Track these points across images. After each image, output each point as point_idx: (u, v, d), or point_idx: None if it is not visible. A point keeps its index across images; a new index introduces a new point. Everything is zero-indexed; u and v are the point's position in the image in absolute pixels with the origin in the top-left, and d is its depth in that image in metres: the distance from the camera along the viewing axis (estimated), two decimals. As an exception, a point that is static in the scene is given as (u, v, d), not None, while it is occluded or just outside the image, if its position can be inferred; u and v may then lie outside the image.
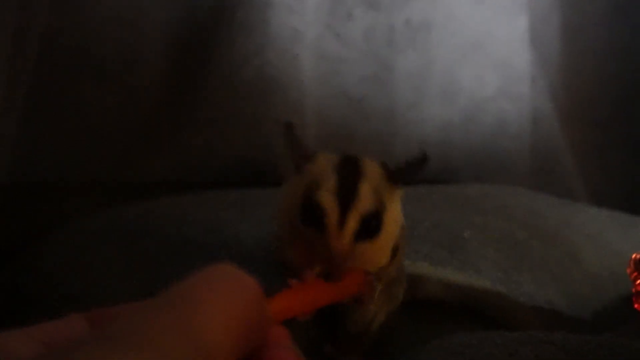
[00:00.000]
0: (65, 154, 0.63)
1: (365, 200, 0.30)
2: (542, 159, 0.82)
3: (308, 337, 0.36)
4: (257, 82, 0.67)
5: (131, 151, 0.65)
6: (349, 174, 0.30)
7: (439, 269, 0.44)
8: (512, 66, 0.80)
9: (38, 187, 0.60)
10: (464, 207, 0.58)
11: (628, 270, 0.42)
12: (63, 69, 0.61)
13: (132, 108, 0.65)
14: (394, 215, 0.32)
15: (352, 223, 0.29)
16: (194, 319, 0.18)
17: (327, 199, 0.29)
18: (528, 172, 0.81)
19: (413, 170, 0.32)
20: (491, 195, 0.64)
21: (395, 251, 0.33)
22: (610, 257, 0.56)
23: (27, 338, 0.20)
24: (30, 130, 0.58)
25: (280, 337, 0.22)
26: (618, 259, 0.55)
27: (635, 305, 0.42)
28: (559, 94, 0.85)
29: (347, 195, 0.29)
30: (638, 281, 0.41)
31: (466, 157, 0.79)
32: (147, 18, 0.64)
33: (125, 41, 0.63)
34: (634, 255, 0.42)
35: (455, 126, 0.78)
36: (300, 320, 0.29)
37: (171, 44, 0.66)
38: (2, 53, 0.46)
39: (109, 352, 0.17)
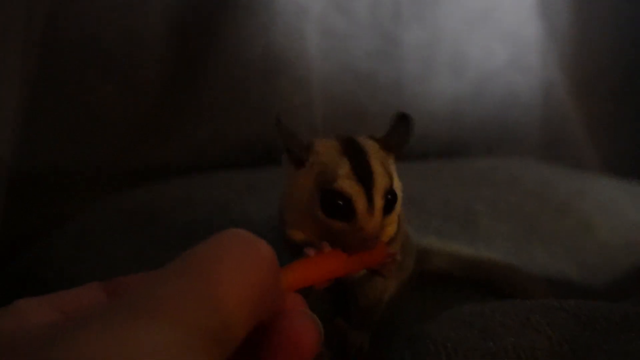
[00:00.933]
0: (70, 143, 0.63)
1: (382, 177, 0.29)
2: (553, 130, 0.81)
3: (318, 310, 0.36)
4: (262, 62, 0.67)
5: (138, 138, 0.65)
6: (357, 155, 0.30)
7: (449, 243, 0.43)
8: (522, 37, 0.79)
9: (45, 177, 0.60)
10: (474, 181, 0.58)
11: (642, 239, 0.42)
12: (66, 57, 0.61)
13: (137, 94, 0.64)
14: (397, 182, 0.32)
15: (380, 202, 0.29)
16: (212, 286, 0.18)
17: (349, 185, 0.29)
18: (539, 143, 0.81)
19: (402, 133, 0.31)
20: (501, 168, 0.64)
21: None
22: (623, 227, 0.56)
23: (46, 306, 0.21)
24: (35, 119, 0.58)
25: (297, 304, 0.22)
26: (631, 229, 0.55)
27: (649, 274, 0.42)
28: (569, 64, 0.84)
29: (365, 177, 0.29)
30: (651, 249, 0.41)
31: (476, 130, 0.78)
32: (149, 3, 0.64)
33: (127, 27, 0.63)
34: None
35: (464, 99, 0.77)
36: (317, 290, 0.29)
37: (174, 28, 0.65)
38: (10, 42, 0.46)
39: (126, 320, 0.17)
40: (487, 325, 0.29)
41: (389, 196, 0.30)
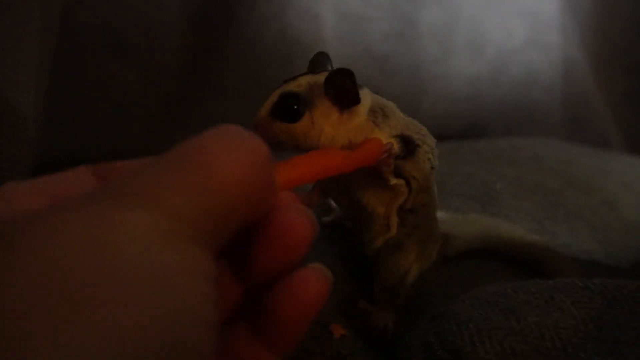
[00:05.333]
0: (91, 130, 0.63)
1: (293, 84, 0.32)
2: (574, 108, 0.80)
3: (342, 292, 0.37)
4: (279, 45, 0.66)
5: (156, 123, 0.65)
6: (308, 73, 0.33)
7: (472, 217, 0.43)
8: (541, 14, 0.78)
9: (67, 164, 0.61)
10: (495, 160, 0.57)
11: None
12: (84, 44, 0.61)
13: (154, 80, 0.65)
14: (341, 127, 0.32)
15: (273, 96, 0.32)
16: (203, 176, 0.18)
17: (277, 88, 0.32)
18: (561, 123, 0.80)
19: (341, 91, 0.32)
20: (522, 147, 0.63)
21: (411, 148, 0.33)
22: (649, 205, 0.55)
23: (35, 190, 0.20)
24: (55, 107, 0.58)
25: (290, 200, 0.22)
26: (656, 206, 0.54)
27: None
28: (590, 41, 0.82)
29: (288, 81, 0.32)
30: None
31: (496, 111, 0.77)
32: None
33: (145, 13, 0.63)
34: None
35: (483, 80, 0.76)
36: (314, 202, 0.32)
37: (191, 15, 0.65)
38: (27, 29, 0.46)
39: (108, 205, 0.16)
40: (511, 305, 0.29)
41: (290, 102, 0.31)
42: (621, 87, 0.85)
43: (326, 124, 0.32)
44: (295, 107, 0.31)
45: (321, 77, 0.32)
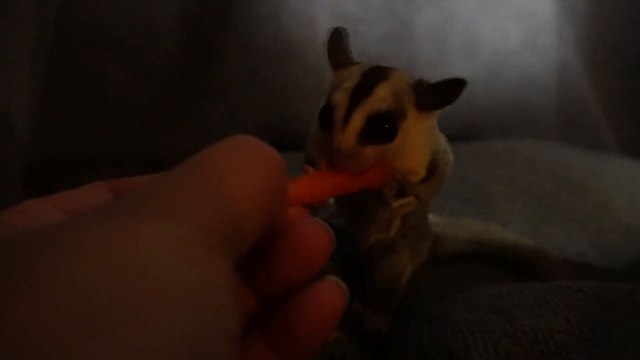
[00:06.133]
0: (86, 130, 0.63)
1: (376, 100, 0.29)
2: (570, 111, 0.80)
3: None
4: (274, 47, 0.66)
5: (151, 123, 0.65)
6: (372, 77, 0.30)
7: (464, 222, 0.43)
8: (536, 17, 0.78)
9: (61, 163, 0.61)
10: (490, 162, 0.58)
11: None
12: (79, 43, 0.61)
13: (150, 80, 0.64)
14: (422, 130, 0.30)
15: (357, 120, 0.28)
16: (218, 185, 0.17)
17: (339, 97, 0.29)
18: (556, 125, 0.80)
19: (443, 93, 0.30)
20: (517, 150, 0.63)
21: (432, 171, 0.32)
22: (642, 207, 0.55)
23: (50, 206, 0.20)
24: (50, 106, 0.58)
25: (303, 215, 0.22)
26: (650, 208, 0.54)
27: (669, 253, 0.41)
28: (585, 44, 0.83)
29: (360, 94, 0.29)
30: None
31: (492, 113, 0.77)
32: None
33: (140, 13, 0.63)
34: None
35: (479, 82, 0.76)
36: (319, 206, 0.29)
37: (187, 15, 0.65)
38: (22, 27, 0.46)
39: (127, 217, 0.16)
40: (504, 307, 0.29)
41: (382, 123, 0.29)
42: (615, 90, 0.86)
43: (414, 128, 0.30)
44: (390, 126, 0.29)
45: (399, 81, 0.30)
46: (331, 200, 0.41)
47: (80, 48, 0.61)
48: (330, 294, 0.20)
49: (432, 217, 0.38)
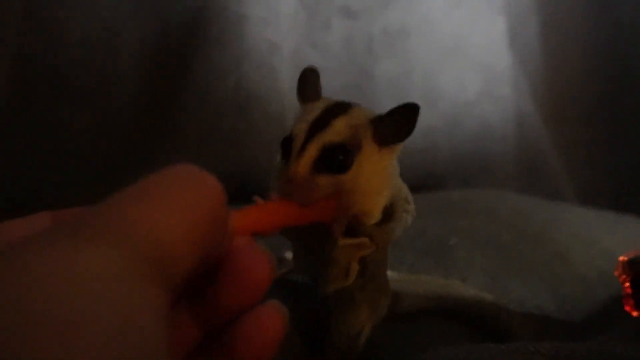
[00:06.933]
0: (40, 177, 0.62)
1: (332, 132, 0.29)
2: (527, 159, 0.82)
3: (294, 353, 0.36)
4: (235, 97, 0.66)
5: (109, 173, 0.64)
6: (332, 111, 0.30)
7: (424, 279, 0.43)
8: (493, 68, 0.80)
9: (14, 215, 0.59)
10: (449, 213, 0.58)
11: (616, 273, 0.41)
12: (36, 92, 0.60)
13: (108, 129, 0.64)
14: (379, 169, 0.31)
15: (312, 150, 0.29)
16: (153, 215, 0.18)
17: (299, 128, 0.30)
18: (514, 173, 0.81)
19: (400, 122, 0.30)
20: (476, 200, 0.64)
21: (388, 216, 0.32)
22: (600, 257, 0.56)
23: None
24: (4, 153, 0.57)
25: (248, 243, 0.22)
26: (607, 258, 0.55)
27: (626, 307, 0.42)
28: (541, 94, 0.85)
29: (318, 126, 0.29)
30: (627, 284, 0.40)
31: (451, 162, 0.78)
32: (120, 38, 0.63)
33: (98, 62, 0.63)
34: (621, 258, 0.41)
35: (438, 131, 0.77)
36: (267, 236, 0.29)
37: (145, 63, 0.65)
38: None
39: (67, 242, 0.16)
40: (463, 371, 0.28)
41: (336, 153, 0.29)
42: (572, 138, 0.88)
43: (370, 164, 0.30)
44: (344, 157, 0.29)
45: (357, 116, 0.30)
46: (289, 256, 0.41)
47: (36, 97, 0.60)
48: (270, 319, 0.21)
49: (390, 274, 0.37)
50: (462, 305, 0.42)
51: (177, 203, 0.18)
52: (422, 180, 0.75)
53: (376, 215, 0.32)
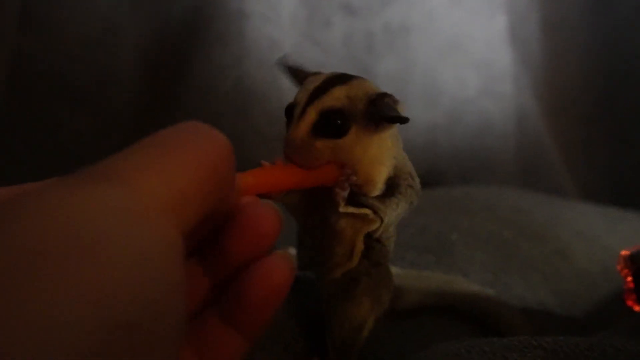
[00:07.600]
0: (40, 177, 0.62)
1: (331, 98, 0.30)
2: (528, 156, 0.81)
3: (294, 350, 0.36)
4: (235, 95, 0.66)
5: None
6: (333, 81, 0.31)
7: (425, 274, 0.43)
8: (493, 65, 0.80)
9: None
10: (450, 210, 0.58)
11: (618, 267, 0.41)
12: (35, 92, 0.60)
13: (107, 129, 0.64)
14: (375, 135, 0.31)
15: (311, 114, 0.30)
16: (169, 159, 0.19)
17: (300, 95, 0.31)
18: (514, 170, 0.81)
19: (382, 112, 0.31)
20: (477, 197, 0.64)
21: (392, 190, 0.32)
22: (600, 253, 0.56)
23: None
24: (3, 153, 0.57)
25: (254, 201, 0.23)
26: (608, 254, 0.55)
27: (628, 302, 0.42)
28: (542, 91, 0.85)
29: (318, 93, 0.30)
30: (629, 278, 0.40)
31: (452, 159, 0.78)
32: (119, 37, 0.63)
33: (97, 62, 0.63)
34: (622, 252, 0.41)
35: (439, 128, 0.78)
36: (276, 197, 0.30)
37: (145, 62, 0.65)
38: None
39: (86, 184, 0.17)
40: (464, 365, 0.28)
41: (334, 118, 0.30)
42: (572, 136, 0.88)
43: (366, 133, 0.31)
44: (342, 122, 0.30)
45: (357, 88, 0.31)
46: (293, 252, 0.40)
47: (35, 97, 0.60)
48: (278, 265, 0.22)
49: (392, 269, 0.37)
50: (464, 301, 0.42)
51: (188, 152, 0.19)
52: (423, 177, 0.75)
53: (379, 184, 0.32)
